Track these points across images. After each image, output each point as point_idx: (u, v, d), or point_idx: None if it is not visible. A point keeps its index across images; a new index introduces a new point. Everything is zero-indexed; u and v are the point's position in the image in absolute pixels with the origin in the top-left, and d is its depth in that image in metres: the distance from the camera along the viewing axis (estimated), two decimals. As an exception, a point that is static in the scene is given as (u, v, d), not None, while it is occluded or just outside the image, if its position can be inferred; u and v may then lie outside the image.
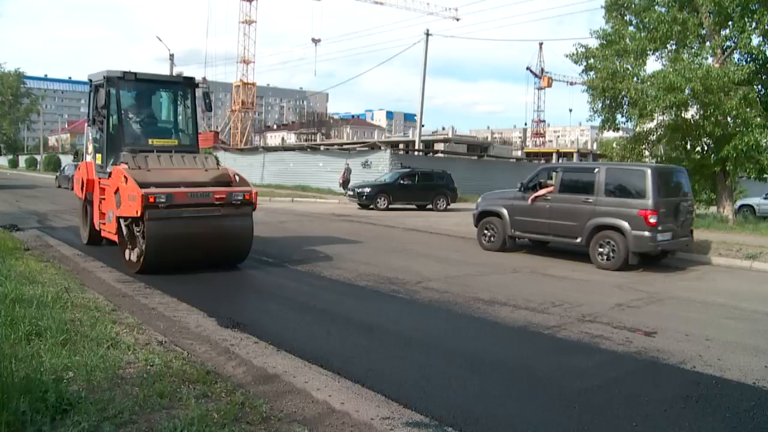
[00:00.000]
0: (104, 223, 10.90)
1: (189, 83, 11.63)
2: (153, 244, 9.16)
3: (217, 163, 11.31)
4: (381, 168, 32.48)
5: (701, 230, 15.47)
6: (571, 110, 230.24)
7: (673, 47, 21.17)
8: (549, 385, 5.31)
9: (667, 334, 7.02)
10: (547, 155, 63.99)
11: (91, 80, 11.57)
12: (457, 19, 79.14)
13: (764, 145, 19.73)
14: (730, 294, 9.84)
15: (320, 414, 4.38)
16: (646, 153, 23.26)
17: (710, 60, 20.52)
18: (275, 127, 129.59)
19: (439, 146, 50.07)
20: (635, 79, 20.83)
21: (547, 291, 9.45)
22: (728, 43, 20.83)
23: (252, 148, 55.16)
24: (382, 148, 38.00)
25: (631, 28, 21.54)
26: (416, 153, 39.83)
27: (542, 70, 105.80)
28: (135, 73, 10.94)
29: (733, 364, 5.98)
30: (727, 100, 18.88)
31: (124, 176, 9.41)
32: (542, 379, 5.47)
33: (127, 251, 9.88)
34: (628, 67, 20.95)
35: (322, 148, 46.81)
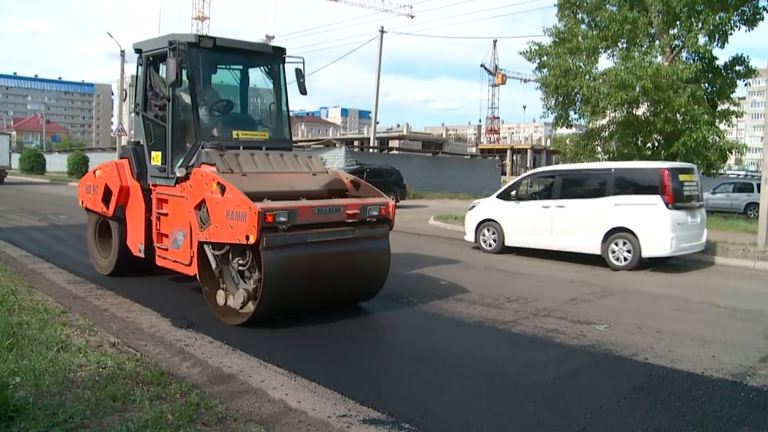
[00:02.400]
0: (165, 249, 7.85)
1: (279, 55, 8.46)
2: (273, 283, 6.37)
3: (323, 164, 8.81)
4: (336, 166, 32.44)
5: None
6: (525, 107, 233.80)
7: (624, 45, 21.66)
8: (506, 379, 5.37)
9: (619, 327, 7.17)
10: (502, 152, 64.74)
11: (140, 50, 8.37)
12: (412, 17, 79.40)
13: (711, 141, 20.33)
14: (682, 287, 10.09)
15: (277, 413, 4.36)
16: (599, 149, 23.74)
17: (660, 58, 21.04)
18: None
19: (394, 143, 50.27)
20: (587, 76, 21.25)
21: (503, 286, 9.55)
22: (677, 42, 21.39)
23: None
24: (337, 145, 37.90)
25: (583, 27, 21.95)
26: (371, 150, 39.93)
27: (496, 67, 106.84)
28: (213, 38, 7.85)
29: (682, 354, 6.14)
30: (677, 97, 19.39)
31: (220, 184, 6.61)
32: (499, 373, 5.52)
33: (220, 293, 6.96)
34: (581, 64, 21.36)
35: (276, 146, 46.21)
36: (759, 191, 15.83)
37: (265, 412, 4.37)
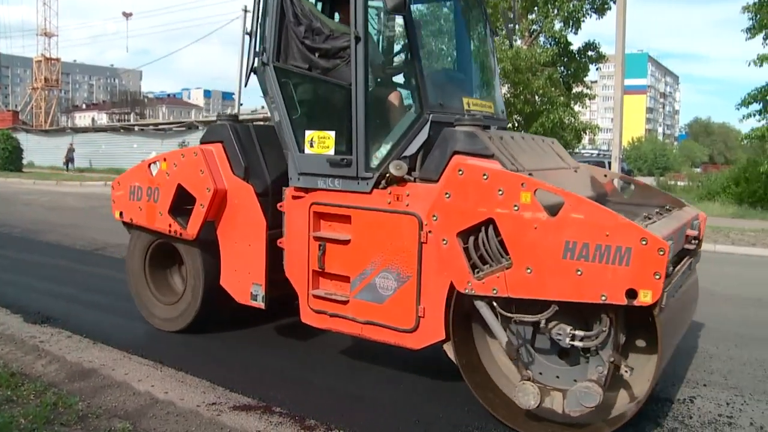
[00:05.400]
0: (338, 301, 4.69)
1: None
2: (662, 360, 3.75)
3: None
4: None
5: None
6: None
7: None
8: (376, 357, 5.45)
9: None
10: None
11: None
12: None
13: (567, 122, 21.64)
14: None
15: (143, 406, 4.21)
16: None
17: (519, 42, 22.02)
18: (84, 106, 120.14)
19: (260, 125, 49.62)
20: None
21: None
22: (535, 27, 22.48)
23: (59, 129, 50.98)
24: (200, 127, 36.86)
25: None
26: (236, 132, 39.06)
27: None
28: None
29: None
30: (535, 79, 20.44)
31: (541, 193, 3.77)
32: (366, 350, 5.60)
33: (526, 389, 3.83)
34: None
35: (136, 128, 44.32)
36: (610, 168, 17.02)
37: (131, 405, 4.20)
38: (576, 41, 44.85)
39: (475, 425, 4.08)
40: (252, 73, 5.12)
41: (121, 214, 6.08)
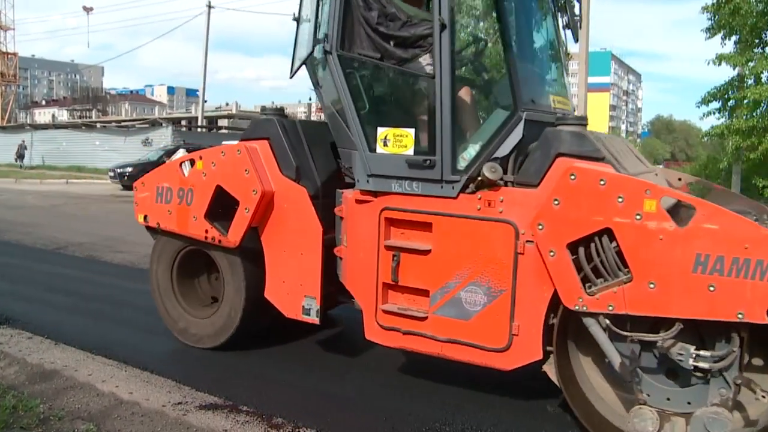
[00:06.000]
0: (416, 317, 4.23)
1: None
2: None
3: None
4: (163, 146, 31.13)
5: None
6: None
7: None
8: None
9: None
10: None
11: None
12: (242, -8, 77.40)
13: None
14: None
15: (107, 407, 4.15)
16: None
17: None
18: (44, 102, 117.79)
19: (224, 122, 49.35)
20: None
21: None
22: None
23: (17, 126, 49.93)
24: (164, 124, 36.45)
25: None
26: (200, 129, 39.09)
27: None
28: None
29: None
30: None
31: (665, 200, 3.52)
32: (332, 347, 5.60)
33: (644, 414, 3.57)
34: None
35: (98, 125, 43.68)
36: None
37: (95, 407, 4.14)
38: (540, 39, 45.40)
39: (443, 420, 4.10)
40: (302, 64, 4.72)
41: (145, 218, 5.44)
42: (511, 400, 4.48)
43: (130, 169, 24.75)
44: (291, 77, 4.95)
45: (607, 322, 3.60)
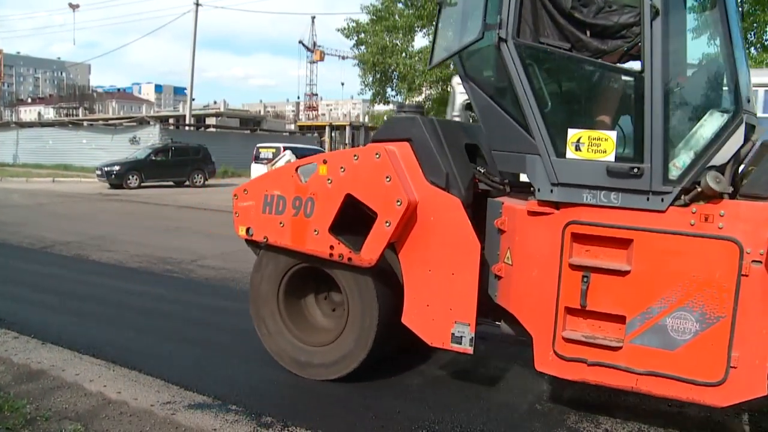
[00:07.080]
0: (614, 347, 3.66)
1: None
2: None
3: None
4: (151, 144, 31.04)
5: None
6: (343, 84, 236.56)
7: (441, 25, 22.60)
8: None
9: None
10: (321, 128, 65.10)
11: None
12: (231, -10, 77.10)
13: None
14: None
15: (95, 407, 4.11)
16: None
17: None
18: (30, 100, 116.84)
19: (211, 120, 49.35)
20: (404, 54, 22.02)
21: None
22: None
23: (2, 124, 49.58)
24: (151, 123, 36.40)
25: (399, 5, 22.65)
26: (187, 128, 39.07)
27: (315, 44, 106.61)
28: None
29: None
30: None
31: None
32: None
33: None
34: (397, 42, 22.11)
35: (85, 123, 43.39)
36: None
37: (82, 407, 4.11)
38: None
39: (432, 419, 4.10)
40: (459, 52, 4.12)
41: (248, 230, 4.69)
42: (501, 399, 4.49)
43: (117, 168, 24.65)
44: (431, 67, 4.59)
45: None
